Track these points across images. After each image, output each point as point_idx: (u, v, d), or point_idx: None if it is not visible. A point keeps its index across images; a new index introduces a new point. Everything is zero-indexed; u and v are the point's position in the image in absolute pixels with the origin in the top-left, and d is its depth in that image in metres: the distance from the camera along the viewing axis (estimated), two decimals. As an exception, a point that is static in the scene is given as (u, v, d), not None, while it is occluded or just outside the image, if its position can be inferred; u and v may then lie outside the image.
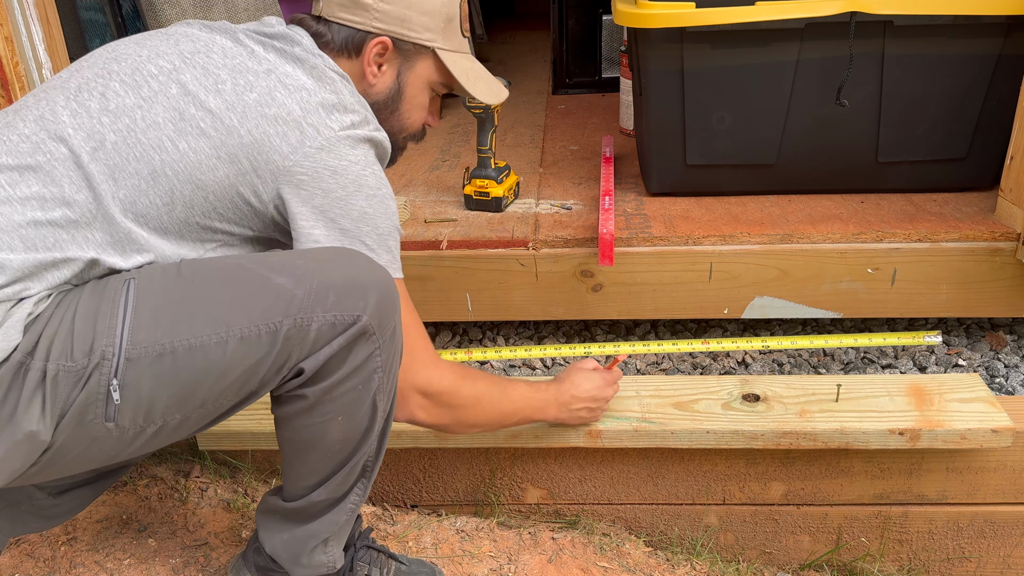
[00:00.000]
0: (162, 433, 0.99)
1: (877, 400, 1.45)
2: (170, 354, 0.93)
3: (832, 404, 1.45)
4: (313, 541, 1.15)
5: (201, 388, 0.96)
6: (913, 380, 1.50)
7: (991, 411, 1.41)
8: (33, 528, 1.28)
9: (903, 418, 1.41)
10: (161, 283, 0.98)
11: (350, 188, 1.04)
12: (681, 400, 1.47)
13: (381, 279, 1.02)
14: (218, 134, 1.01)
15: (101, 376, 0.92)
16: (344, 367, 1.00)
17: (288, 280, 0.97)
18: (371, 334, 1.00)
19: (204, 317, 0.95)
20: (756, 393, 1.47)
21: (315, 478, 1.10)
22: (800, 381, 1.52)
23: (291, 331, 0.96)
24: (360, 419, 1.06)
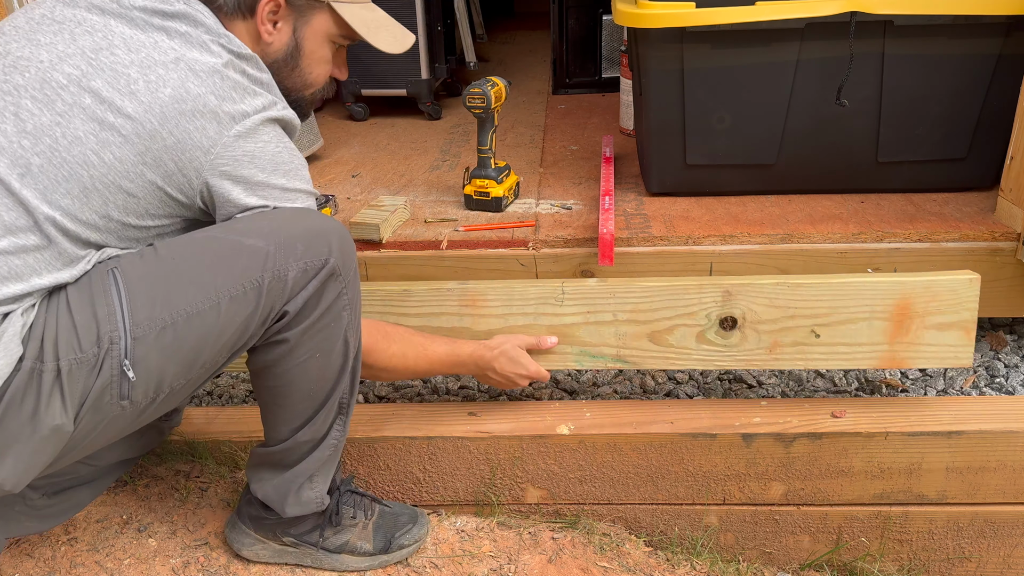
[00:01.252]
0: (169, 399, 1.07)
1: (855, 327, 1.43)
2: (171, 326, 1.01)
3: (807, 336, 1.45)
4: (300, 479, 1.24)
5: (203, 351, 1.04)
6: (903, 294, 1.41)
7: (959, 345, 1.43)
8: (30, 529, 1.29)
9: (870, 355, 1.44)
10: (143, 265, 1.04)
11: (269, 168, 1.10)
12: (657, 329, 1.48)
13: (337, 227, 1.13)
14: (141, 140, 1.02)
15: (112, 360, 0.99)
16: (319, 307, 1.10)
17: (258, 240, 1.05)
18: (338, 274, 1.11)
19: (194, 286, 1.02)
20: (734, 316, 1.45)
21: (299, 420, 1.19)
22: (784, 296, 1.43)
23: (272, 283, 1.05)
24: (335, 355, 1.16)
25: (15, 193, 0.99)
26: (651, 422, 1.47)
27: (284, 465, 1.24)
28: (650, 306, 1.48)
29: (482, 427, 1.48)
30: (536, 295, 1.50)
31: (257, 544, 1.33)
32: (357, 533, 1.34)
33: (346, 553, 1.33)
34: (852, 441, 1.42)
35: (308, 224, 1.10)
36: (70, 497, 1.34)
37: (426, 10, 2.57)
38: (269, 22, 1.18)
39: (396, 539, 1.36)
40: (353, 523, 1.34)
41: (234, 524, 1.35)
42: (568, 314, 1.50)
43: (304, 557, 1.34)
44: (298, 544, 1.33)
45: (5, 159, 0.99)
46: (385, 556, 1.35)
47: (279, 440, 1.22)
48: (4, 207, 0.98)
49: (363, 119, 2.71)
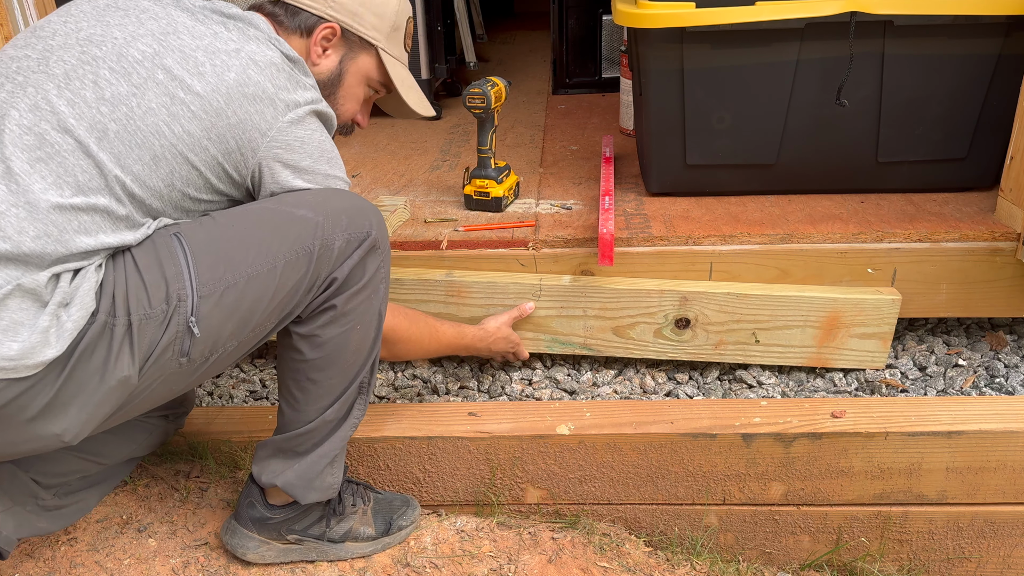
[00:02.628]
0: (219, 361, 1.13)
1: (790, 332, 1.65)
2: (233, 286, 1.07)
3: (748, 337, 1.66)
4: (323, 461, 1.27)
5: (257, 312, 1.10)
6: (834, 308, 1.63)
7: (876, 351, 1.66)
8: (41, 529, 1.30)
9: (800, 355, 1.68)
10: (204, 231, 1.10)
11: (315, 154, 1.19)
12: (620, 324, 1.67)
13: (374, 207, 1.22)
14: (208, 116, 1.09)
15: (180, 316, 1.05)
16: (364, 277, 1.18)
17: (308, 211, 1.13)
18: (378, 247, 1.20)
19: (254, 251, 1.09)
20: (688, 317, 1.65)
21: (330, 397, 1.24)
22: (732, 304, 1.64)
23: (321, 250, 1.13)
24: (370, 327, 1.23)
25: (92, 155, 1.04)
26: (651, 422, 1.47)
27: (303, 451, 1.26)
28: (616, 305, 1.67)
29: (482, 427, 1.48)
30: (515, 290, 1.67)
31: (262, 546, 1.33)
32: (359, 519, 1.37)
33: (350, 540, 1.36)
34: (852, 441, 1.43)
35: (351, 201, 1.19)
36: (81, 499, 1.36)
37: (426, 10, 2.57)
38: (321, 46, 1.28)
39: (395, 521, 1.41)
40: (354, 510, 1.37)
41: (234, 530, 1.34)
42: (543, 307, 1.68)
43: (309, 552, 1.35)
44: (303, 540, 1.34)
45: (84, 123, 1.04)
46: (387, 538, 1.40)
47: (306, 421, 1.24)
48: (80, 168, 1.03)
49: (363, 119, 2.71)
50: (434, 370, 1.81)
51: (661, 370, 1.76)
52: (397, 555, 1.39)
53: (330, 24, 1.27)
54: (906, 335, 1.83)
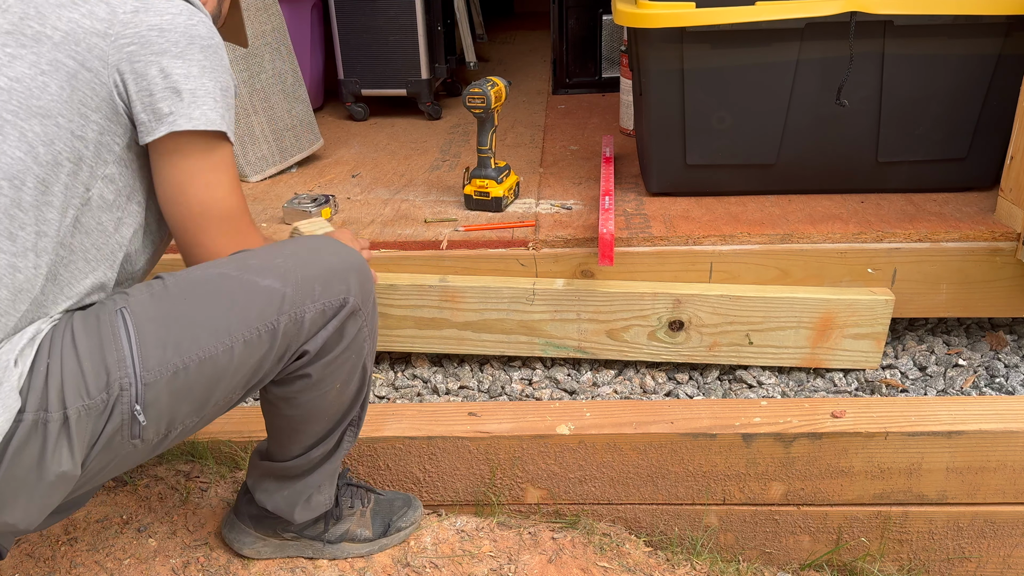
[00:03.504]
0: (182, 434, 1.05)
1: (783, 333, 1.66)
2: (183, 370, 0.98)
3: (742, 339, 1.66)
4: (310, 489, 1.26)
5: (215, 392, 1.02)
6: (827, 309, 1.63)
7: (869, 351, 1.67)
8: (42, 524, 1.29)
9: (794, 356, 1.68)
10: (153, 306, 0.99)
11: (183, 43, 0.99)
12: (614, 327, 1.68)
13: (356, 261, 1.11)
14: (27, 51, 0.93)
15: (123, 405, 0.96)
16: (341, 343, 1.10)
17: (274, 281, 1.02)
18: (358, 311, 1.10)
19: (207, 330, 0.99)
20: (682, 320, 1.65)
21: (312, 440, 1.20)
22: (726, 306, 1.64)
23: (288, 326, 1.03)
24: (353, 380, 1.17)
25: None
26: (651, 422, 1.47)
27: (292, 477, 1.26)
28: (609, 308, 1.67)
29: (482, 427, 1.48)
30: (509, 294, 1.67)
31: (258, 542, 1.34)
32: (356, 521, 1.37)
33: (347, 541, 1.36)
34: (852, 441, 1.43)
35: (326, 263, 1.07)
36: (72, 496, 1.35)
37: (426, 10, 2.57)
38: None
39: (394, 523, 1.40)
40: (352, 512, 1.37)
41: (232, 524, 1.36)
42: (537, 311, 1.68)
43: (305, 549, 1.35)
44: (299, 538, 1.34)
45: None
46: (384, 540, 1.39)
47: (291, 457, 1.22)
48: None
49: (363, 119, 2.71)
50: (434, 370, 1.81)
51: (661, 370, 1.76)
52: (397, 555, 1.39)
53: None
54: (906, 335, 1.83)
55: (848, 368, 1.69)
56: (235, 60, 2.07)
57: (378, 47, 2.60)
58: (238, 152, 2.10)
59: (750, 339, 1.66)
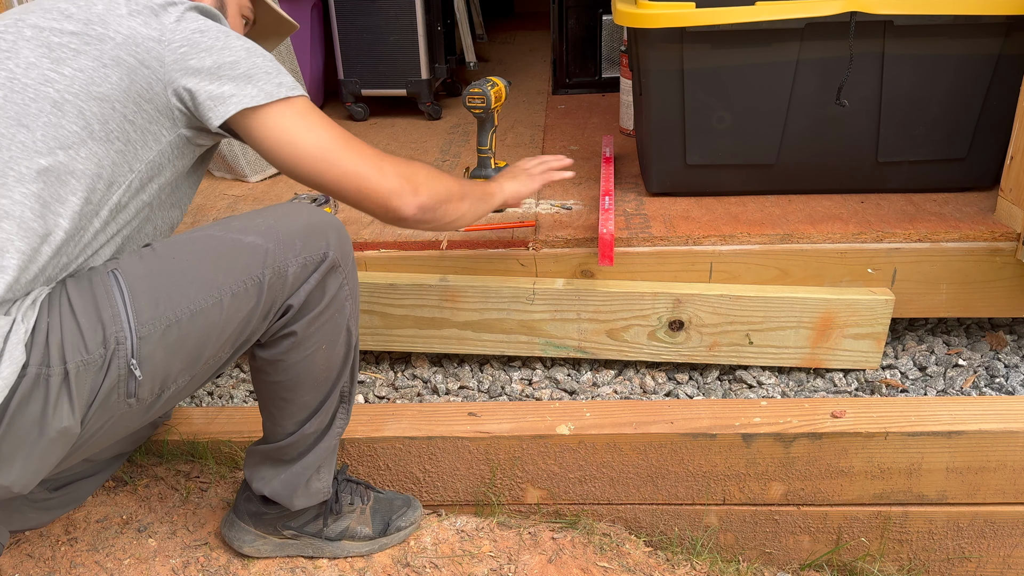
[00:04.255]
0: (174, 395, 1.09)
1: (784, 333, 1.66)
2: (176, 324, 1.02)
3: (742, 339, 1.67)
4: (309, 471, 1.27)
5: (207, 347, 1.06)
6: (828, 309, 1.63)
7: (870, 351, 1.67)
8: (32, 522, 1.30)
9: (794, 356, 1.68)
10: (143, 266, 1.04)
11: (222, 37, 1.10)
12: (615, 327, 1.68)
13: (334, 221, 1.17)
14: (92, 47, 1.04)
15: (119, 359, 1.00)
16: (323, 299, 1.14)
17: (257, 237, 1.08)
18: (338, 267, 1.15)
19: (196, 284, 1.04)
20: (682, 319, 1.65)
21: (305, 412, 1.22)
22: (726, 306, 1.64)
23: (272, 279, 1.08)
24: (340, 345, 1.19)
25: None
26: (651, 422, 1.47)
27: (289, 460, 1.26)
28: (609, 308, 1.67)
29: (482, 427, 1.48)
30: (510, 294, 1.67)
31: (258, 540, 1.35)
32: (356, 518, 1.37)
33: (346, 539, 1.36)
34: (852, 441, 1.43)
35: (305, 220, 1.13)
36: (71, 491, 1.36)
37: (426, 10, 2.57)
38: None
39: (394, 521, 1.40)
40: (352, 509, 1.37)
41: (232, 522, 1.36)
42: (537, 311, 1.68)
43: (305, 547, 1.36)
44: (299, 536, 1.35)
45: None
46: (384, 539, 1.39)
47: (285, 435, 1.24)
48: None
49: (363, 119, 2.71)
50: (434, 370, 1.81)
51: (661, 370, 1.76)
52: (397, 555, 1.39)
53: None
54: (906, 335, 1.83)
55: (848, 368, 1.69)
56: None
57: (378, 47, 2.60)
58: (237, 152, 2.10)
59: (750, 339, 1.66)
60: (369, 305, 1.70)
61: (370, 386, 1.78)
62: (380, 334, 1.73)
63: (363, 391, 1.76)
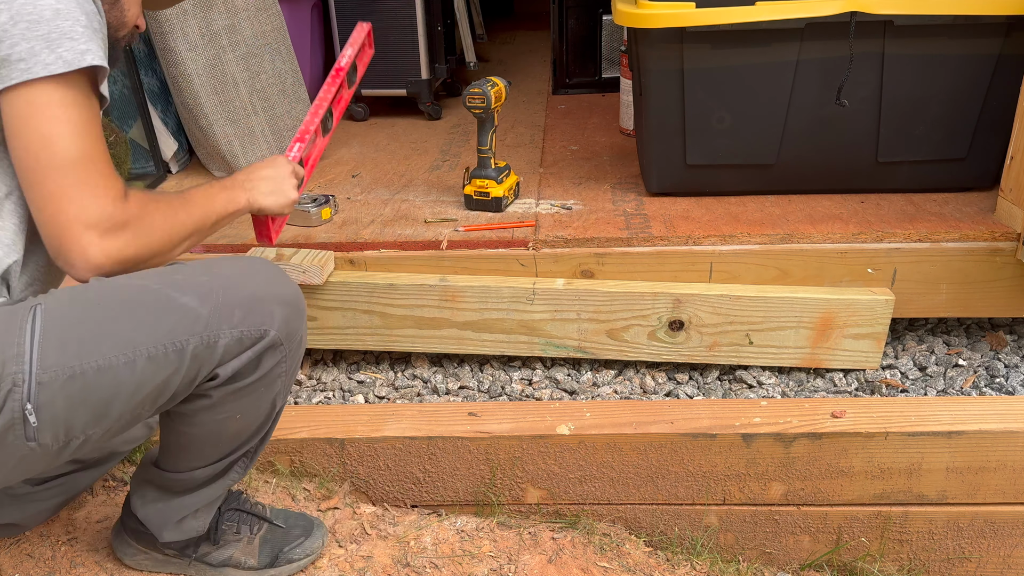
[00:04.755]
0: (89, 443, 1.01)
1: (784, 333, 1.66)
2: (80, 376, 0.95)
3: (742, 339, 1.67)
4: (185, 511, 1.21)
5: (115, 405, 0.98)
6: (827, 309, 1.64)
7: (870, 351, 1.67)
8: (13, 516, 1.29)
9: (794, 356, 1.69)
10: (68, 307, 0.98)
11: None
12: (615, 327, 1.67)
13: (287, 293, 1.07)
14: None
15: (14, 401, 0.93)
16: (253, 374, 1.06)
17: (193, 299, 0.99)
18: (278, 345, 1.06)
19: (111, 339, 0.96)
20: (682, 319, 1.65)
21: (200, 462, 1.16)
22: (726, 306, 1.64)
23: (198, 348, 0.99)
24: (257, 416, 1.13)
25: None
26: (651, 422, 1.47)
27: (172, 492, 1.21)
28: (610, 308, 1.67)
29: (482, 427, 1.48)
30: (510, 294, 1.66)
31: (140, 554, 1.30)
32: (241, 548, 1.30)
33: (231, 567, 1.30)
34: (852, 441, 1.43)
35: (255, 289, 1.04)
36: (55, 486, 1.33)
37: (426, 10, 2.57)
38: None
39: (284, 553, 1.32)
40: (237, 538, 1.30)
41: (117, 532, 1.32)
42: (537, 311, 1.68)
43: (187, 568, 1.30)
44: (181, 556, 1.29)
45: None
46: (272, 570, 1.31)
47: (175, 470, 1.18)
48: None
49: (363, 119, 2.71)
50: (434, 370, 1.81)
51: (661, 370, 1.76)
52: (397, 555, 1.39)
53: None
54: (906, 335, 1.83)
55: (848, 368, 1.69)
56: (235, 60, 2.07)
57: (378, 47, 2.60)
58: (237, 152, 2.10)
59: (750, 339, 1.66)
60: (369, 305, 1.70)
61: (370, 386, 1.78)
62: (380, 334, 1.73)
63: (363, 391, 1.76)
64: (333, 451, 1.49)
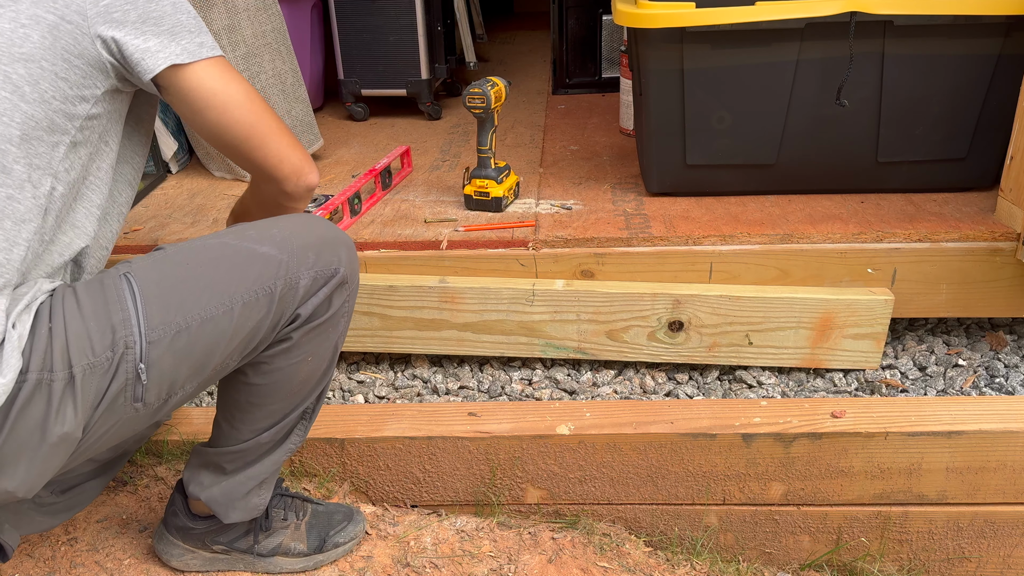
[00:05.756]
0: (181, 399, 1.08)
1: (783, 334, 1.66)
2: (185, 330, 1.02)
3: (742, 339, 1.66)
4: (252, 483, 1.24)
5: (215, 354, 1.05)
6: (827, 309, 1.63)
7: (869, 351, 1.67)
8: (40, 525, 1.30)
9: (794, 356, 1.68)
10: (157, 271, 1.05)
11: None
12: (614, 328, 1.67)
13: (346, 238, 1.17)
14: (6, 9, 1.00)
15: (127, 363, 0.99)
16: (326, 313, 1.14)
17: (271, 248, 1.08)
18: (346, 283, 1.15)
19: (208, 292, 1.03)
20: (681, 320, 1.65)
21: (268, 421, 1.20)
22: (725, 306, 1.64)
23: (284, 290, 1.08)
24: (324, 359, 1.19)
25: None
26: (651, 422, 1.47)
27: (232, 470, 1.23)
28: (609, 309, 1.66)
29: (482, 427, 1.48)
30: (509, 296, 1.66)
31: (187, 554, 1.32)
32: (290, 534, 1.33)
33: (280, 555, 1.32)
34: (852, 441, 1.43)
35: (319, 233, 1.13)
36: (77, 493, 1.35)
37: (426, 10, 2.57)
38: None
39: (331, 537, 1.36)
40: (284, 524, 1.33)
41: (161, 535, 1.33)
42: (537, 312, 1.68)
43: (236, 563, 1.32)
44: (229, 551, 1.31)
45: None
46: (320, 556, 1.35)
47: (239, 440, 1.21)
48: None
49: (363, 119, 2.71)
50: (434, 370, 1.81)
51: (661, 370, 1.76)
52: (397, 555, 1.39)
53: None
54: (906, 335, 1.83)
55: (848, 368, 1.69)
56: (235, 61, 2.07)
57: (378, 47, 2.60)
58: (238, 152, 2.10)
59: (750, 339, 1.66)
60: (368, 307, 1.70)
61: (370, 386, 1.78)
62: (379, 335, 1.73)
63: (363, 391, 1.76)
64: (333, 451, 1.49)
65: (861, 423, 1.43)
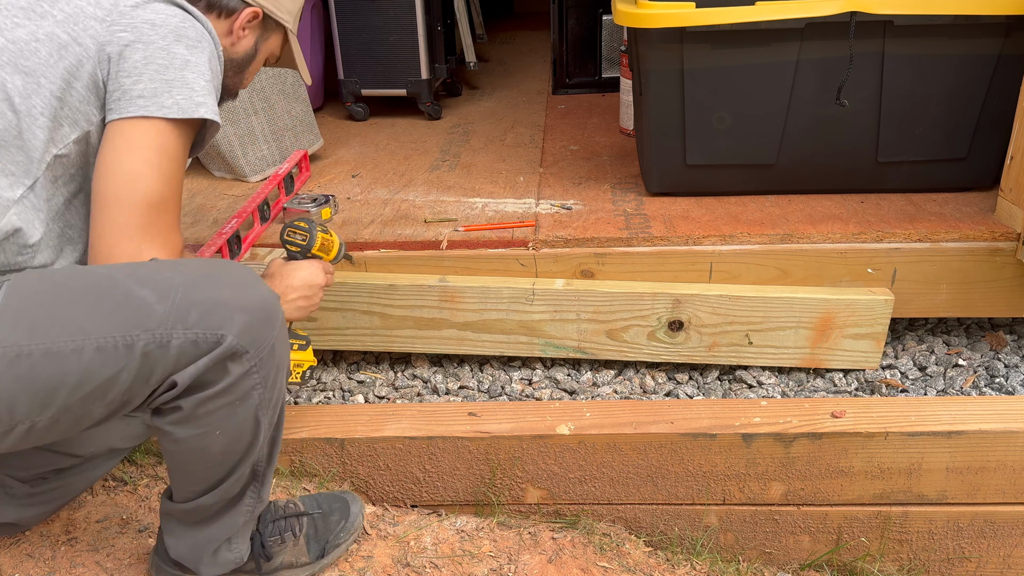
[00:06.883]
0: (36, 432, 0.98)
1: (783, 333, 1.66)
2: (27, 356, 0.93)
3: (742, 339, 1.66)
4: (217, 541, 1.18)
5: (60, 393, 0.95)
6: (827, 309, 1.64)
7: (869, 351, 1.67)
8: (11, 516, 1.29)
9: (793, 356, 1.68)
10: (32, 288, 0.98)
11: (170, 37, 1.08)
12: (614, 327, 1.67)
13: (252, 299, 1.01)
14: (32, 23, 1.04)
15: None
16: (218, 384, 1.00)
17: (151, 293, 0.97)
18: (243, 354, 1.00)
19: (62, 323, 0.95)
20: (681, 320, 1.65)
21: (201, 486, 1.12)
22: (725, 306, 1.64)
23: (149, 346, 0.95)
24: (241, 433, 1.07)
25: None
26: (651, 422, 1.47)
27: (192, 523, 1.17)
28: (609, 308, 1.67)
29: (482, 427, 1.48)
30: (509, 295, 1.66)
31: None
32: (290, 550, 1.28)
33: (284, 570, 1.29)
34: (852, 441, 1.43)
35: (217, 292, 0.99)
36: (54, 486, 1.32)
37: (426, 10, 2.57)
38: (242, 28, 1.27)
39: (331, 542, 1.33)
40: (283, 547, 1.28)
41: (158, 567, 1.26)
42: (537, 312, 1.68)
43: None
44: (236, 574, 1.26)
45: None
46: (324, 560, 1.32)
47: (183, 499, 1.14)
48: None
49: (363, 119, 2.71)
50: (434, 370, 1.81)
51: (661, 370, 1.76)
52: (397, 555, 1.39)
53: (255, 9, 1.27)
54: (906, 335, 1.83)
55: (848, 368, 1.69)
56: (235, 60, 2.07)
57: (378, 47, 2.60)
58: (237, 152, 2.10)
59: (750, 339, 1.66)
60: (369, 306, 1.70)
61: (370, 386, 1.78)
62: (379, 334, 1.73)
63: (363, 391, 1.76)
64: (333, 451, 1.49)
65: (861, 423, 1.43)
